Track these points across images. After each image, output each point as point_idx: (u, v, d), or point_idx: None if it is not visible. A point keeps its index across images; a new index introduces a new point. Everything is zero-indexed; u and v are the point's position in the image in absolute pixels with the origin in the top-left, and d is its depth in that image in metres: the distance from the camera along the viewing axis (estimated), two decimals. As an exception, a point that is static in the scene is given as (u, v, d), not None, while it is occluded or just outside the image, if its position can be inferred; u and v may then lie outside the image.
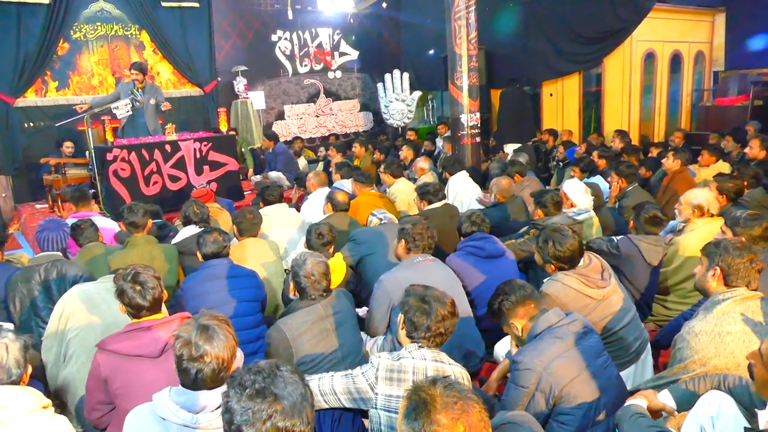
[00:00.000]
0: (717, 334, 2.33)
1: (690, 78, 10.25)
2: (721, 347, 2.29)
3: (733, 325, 2.33)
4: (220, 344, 1.86)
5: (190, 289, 3.27)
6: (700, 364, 2.32)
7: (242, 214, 4.07)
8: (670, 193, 5.35)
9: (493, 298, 2.61)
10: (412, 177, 6.94)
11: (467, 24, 6.64)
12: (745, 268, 2.43)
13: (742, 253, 2.45)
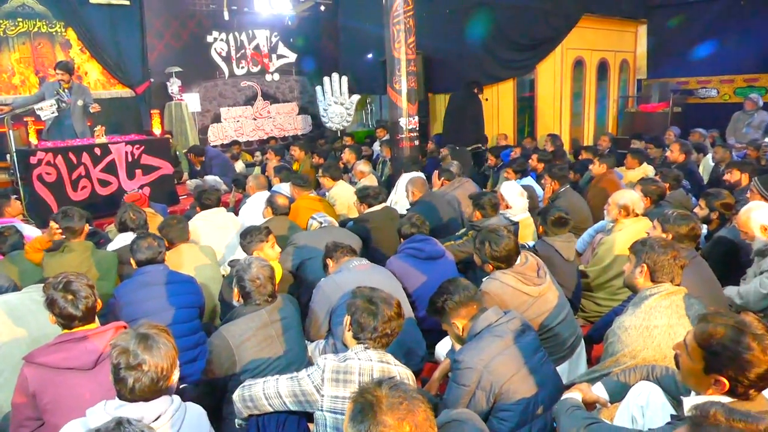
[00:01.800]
0: (645, 328, 2.45)
1: (616, 85, 10.76)
2: (648, 340, 2.42)
3: (660, 318, 2.46)
4: (159, 353, 1.81)
5: (124, 296, 3.15)
6: (630, 357, 2.44)
7: (167, 223, 3.96)
8: (599, 193, 5.58)
9: (436, 296, 2.63)
10: (353, 180, 6.95)
11: (405, 29, 6.70)
12: (669, 265, 2.57)
13: (666, 250, 2.59)
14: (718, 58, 9.90)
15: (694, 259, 3.25)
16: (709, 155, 7.39)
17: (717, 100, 10.32)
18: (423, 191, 5.35)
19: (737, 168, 5.27)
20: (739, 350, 1.68)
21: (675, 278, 2.59)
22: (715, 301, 3.09)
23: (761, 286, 3.48)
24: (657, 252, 2.58)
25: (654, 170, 6.39)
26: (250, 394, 2.35)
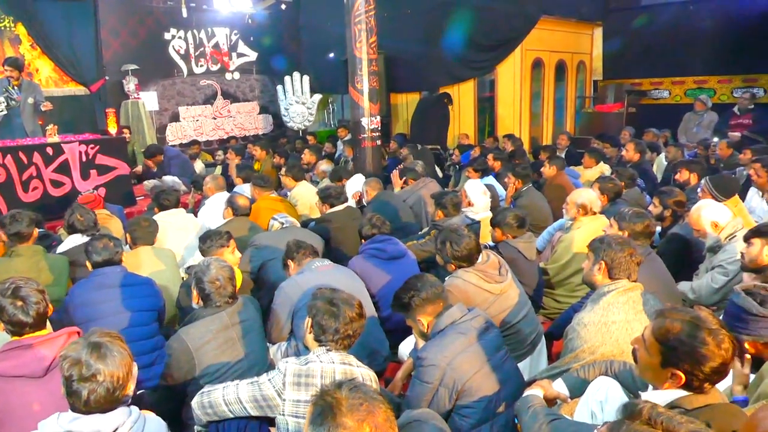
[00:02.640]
0: (603, 324, 2.50)
1: (573, 86, 10.99)
2: (607, 336, 2.47)
3: (617, 314, 2.51)
4: (114, 362, 1.75)
5: (79, 296, 3.06)
6: (590, 353, 2.48)
7: (137, 222, 3.86)
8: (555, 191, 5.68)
9: (403, 292, 2.59)
10: (314, 180, 6.91)
11: (367, 28, 6.70)
12: (626, 262, 2.63)
13: (623, 247, 2.65)
14: (670, 61, 10.20)
15: (649, 255, 3.34)
16: (662, 154, 7.61)
17: (669, 101, 10.65)
18: (378, 190, 5.35)
19: (686, 168, 5.44)
20: (695, 345, 1.72)
21: (632, 275, 2.65)
22: (669, 296, 3.18)
23: (713, 281, 3.60)
24: (614, 249, 2.64)
25: (610, 169, 6.55)
26: (210, 400, 2.30)
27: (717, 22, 9.45)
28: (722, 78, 10.03)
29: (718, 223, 3.65)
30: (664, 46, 10.12)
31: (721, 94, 10.01)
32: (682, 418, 1.19)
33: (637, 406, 1.25)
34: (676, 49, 10.00)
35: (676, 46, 9.98)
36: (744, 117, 8.69)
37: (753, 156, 6.39)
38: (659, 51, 10.21)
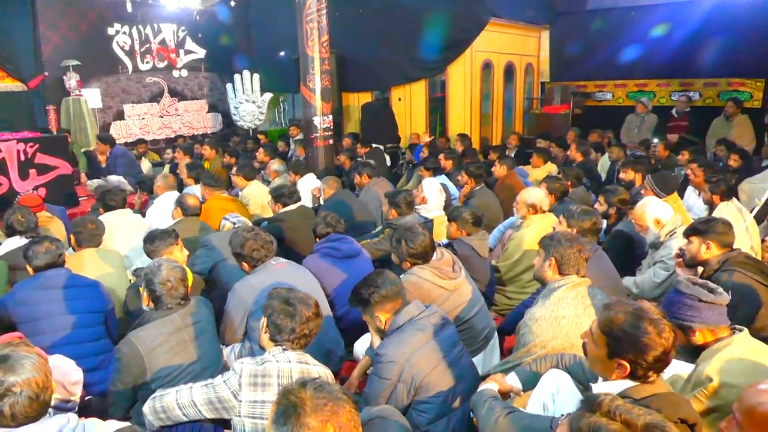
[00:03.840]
0: (554, 319, 2.57)
1: (522, 87, 11.24)
2: (557, 330, 2.54)
3: (567, 309, 2.59)
4: (25, 369, 1.66)
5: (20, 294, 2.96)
6: (541, 347, 2.55)
7: (83, 223, 3.72)
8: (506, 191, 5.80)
9: (363, 287, 2.57)
10: (266, 179, 6.84)
11: (319, 27, 6.67)
12: (575, 258, 2.72)
13: (572, 244, 2.74)
14: (613, 64, 10.56)
15: (596, 252, 3.45)
16: (606, 154, 7.87)
17: (612, 103, 11.02)
18: (335, 189, 5.35)
19: (631, 167, 5.65)
20: (638, 334, 1.79)
21: (580, 270, 2.74)
22: (615, 291, 3.29)
23: (655, 275, 3.76)
24: (564, 246, 2.72)
25: (557, 168, 6.73)
26: (162, 405, 2.25)
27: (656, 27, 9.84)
28: (661, 81, 10.46)
29: (660, 219, 3.81)
30: (607, 50, 10.46)
31: (661, 97, 10.44)
32: (639, 410, 1.24)
33: (597, 399, 1.29)
34: (618, 53, 10.35)
35: (619, 51, 10.33)
36: (681, 119, 9.09)
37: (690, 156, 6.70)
38: (603, 55, 10.55)
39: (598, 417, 1.23)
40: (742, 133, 8.43)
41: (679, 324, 2.18)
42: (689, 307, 2.21)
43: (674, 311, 2.22)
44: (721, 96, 9.68)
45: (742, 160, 6.80)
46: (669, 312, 2.16)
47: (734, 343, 2.12)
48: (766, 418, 1.43)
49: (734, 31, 8.99)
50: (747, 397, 1.52)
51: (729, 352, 2.11)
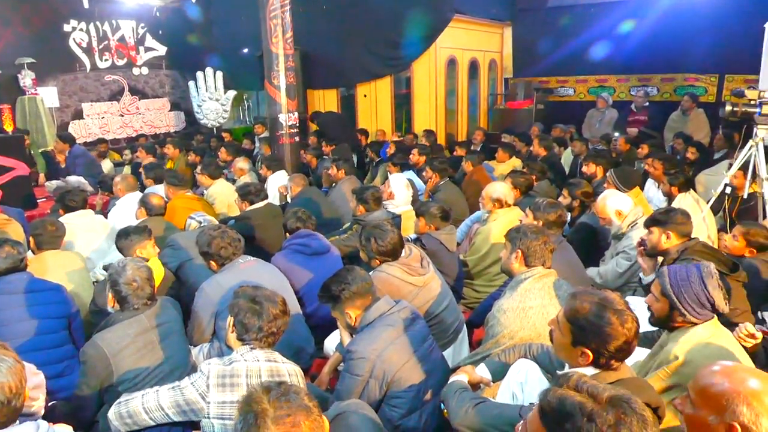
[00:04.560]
0: (521, 310, 2.62)
1: (486, 83, 11.36)
2: (525, 321, 2.59)
3: (534, 300, 2.64)
4: (1, 372, 1.63)
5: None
6: (509, 338, 2.59)
7: (42, 225, 3.61)
8: (473, 185, 5.88)
9: (333, 283, 2.56)
10: (231, 178, 6.76)
11: (283, 23, 6.62)
12: (541, 250, 2.77)
13: (537, 236, 2.79)
14: (574, 60, 10.75)
15: (560, 243, 3.52)
16: (569, 149, 8.02)
17: (574, 98, 11.23)
18: (302, 186, 5.33)
19: (593, 161, 5.77)
20: (601, 324, 1.83)
21: (546, 262, 2.79)
22: (580, 282, 3.36)
23: (617, 266, 3.85)
24: (530, 238, 2.77)
25: (522, 163, 6.83)
26: (128, 410, 2.21)
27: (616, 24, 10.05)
28: (620, 77, 10.69)
29: (621, 211, 3.91)
30: (568, 46, 10.63)
31: (620, 93, 10.67)
32: (605, 386, 1.29)
33: (567, 376, 1.33)
34: (579, 49, 10.54)
35: (580, 47, 10.52)
36: (640, 114, 9.31)
37: (649, 150, 6.89)
38: (564, 51, 10.72)
39: (565, 390, 1.26)
40: (698, 126, 8.69)
41: (673, 301, 2.19)
42: (698, 304, 2.17)
43: (682, 291, 2.18)
44: (678, 91, 9.96)
45: (699, 153, 7.02)
46: (676, 286, 2.17)
47: (702, 328, 2.18)
48: (716, 397, 1.50)
49: (689, 28, 9.25)
50: (701, 377, 1.58)
51: (697, 335, 2.15)
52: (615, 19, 10.04)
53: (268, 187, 5.95)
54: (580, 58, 10.62)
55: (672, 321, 2.22)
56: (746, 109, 4.54)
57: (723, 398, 1.49)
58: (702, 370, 1.62)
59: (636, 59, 10.10)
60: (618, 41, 10.13)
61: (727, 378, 1.53)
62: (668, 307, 2.21)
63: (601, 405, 1.22)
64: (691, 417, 1.58)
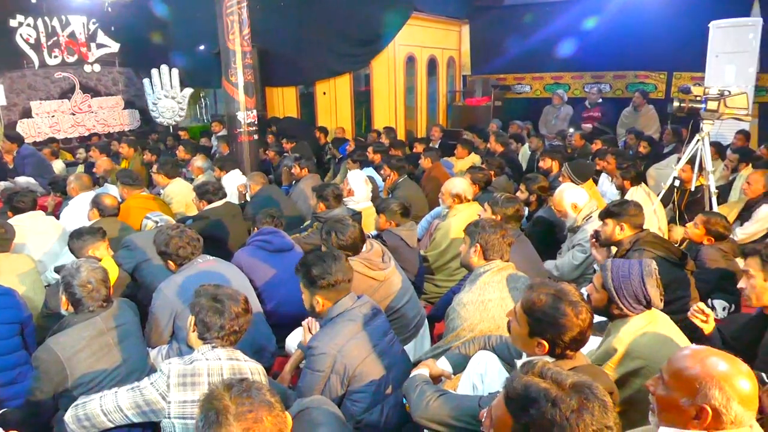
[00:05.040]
0: (481, 303, 2.67)
1: (444, 80, 11.46)
2: (485, 313, 2.64)
3: (493, 293, 2.69)
4: None
5: None
6: (469, 330, 2.64)
7: None
8: (432, 182, 5.94)
9: (316, 266, 2.50)
10: (189, 177, 6.65)
11: (240, 20, 6.53)
12: (499, 243, 2.82)
13: (496, 230, 2.84)
14: (530, 58, 10.95)
15: (518, 237, 3.60)
16: (526, 144, 8.18)
17: (530, 95, 11.44)
18: (262, 185, 5.29)
19: (549, 156, 5.90)
20: (557, 316, 1.88)
21: (504, 255, 2.85)
22: (538, 274, 3.44)
23: (573, 258, 3.96)
24: (488, 232, 2.82)
25: (481, 159, 6.93)
26: (86, 412, 2.16)
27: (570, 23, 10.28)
28: (575, 74, 10.95)
29: (577, 204, 4.01)
30: (524, 44, 10.82)
31: (575, 89, 10.93)
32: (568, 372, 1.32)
33: (532, 363, 1.37)
34: (535, 47, 10.74)
35: (535, 45, 10.72)
36: (594, 110, 9.57)
37: (603, 146, 7.08)
38: (520, 48, 10.91)
39: (530, 376, 1.30)
40: (649, 122, 8.99)
41: (612, 295, 2.28)
42: (635, 300, 2.26)
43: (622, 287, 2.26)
44: (629, 87, 10.25)
45: (650, 147, 7.26)
46: (616, 281, 2.26)
47: (639, 318, 2.27)
48: (689, 380, 1.54)
49: (640, 27, 9.53)
50: (675, 360, 1.63)
51: (634, 326, 2.25)
52: (569, 17, 10.26)
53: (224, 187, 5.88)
54: (535, 55, 10.82)
55: (609, 311, 2.32)
56: (692, 105, 4.72)
57: (696, 381, 1.52)
58: (676, 353, 1.66)
59: (589, 57, 10.35)
60: (572, 39, 10.36)
61: (701, 362, 1.56)
62: (607, 299, 2.30)
63: (564, 391, 1.26)
64: (663, 398, 1.61)
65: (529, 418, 1.23)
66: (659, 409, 1.63)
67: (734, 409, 1.48)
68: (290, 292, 3.45)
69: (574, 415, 1.20)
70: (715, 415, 1.49)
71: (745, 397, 1.49)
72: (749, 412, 1.50)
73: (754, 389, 1.52)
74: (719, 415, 1.48)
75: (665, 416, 1.61)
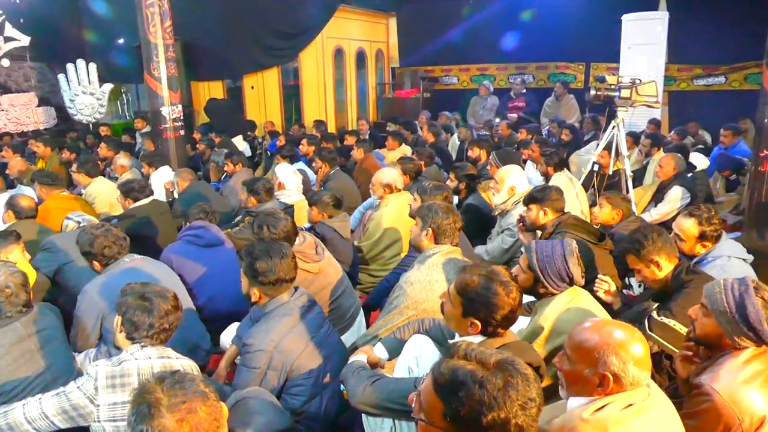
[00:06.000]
0: (428, 282, 2.75)
1: (373, 73, 11.52)
2: (430, 293, 2.72)
3: (440, 274, 2.78)
4: None
5: None
6: (413, 308, 2.71)
7: None
8: (363, 174, 5.98)
9: (261, 260, 2.46)
10: (113, 176, 6.40)
11: (161, 11, 6.31)
12: (451, 228, 2.91)
13: (448, 215, 2.91)
14: (456, 50, 11.17)
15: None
16: (455, 135, 8.35)
17: (458, 87, 11.68)
18: (190, 181, 5.17)
19: (477, 145, 6.06)
20: (489, 296, 1.96)
21: (454, 239, 2.93)
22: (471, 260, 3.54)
23: (503, 242, 4.09)
24: (440, 217, 2.89)
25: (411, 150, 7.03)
26: (8, 422, 2.06)
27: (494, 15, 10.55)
28: (500, 66, 11.26)
29: (515, 188, 4.13)
30: (450, 36, 11.03)
31: (500, 80, 11.24)
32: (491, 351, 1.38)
33: (456, 345, 1.41)
34: (461, 39, 10.96)
35: (461, 37, 10.94)
36: (518, 100, 9.88)
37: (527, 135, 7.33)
38: (447, 40, 11.11)
39: (456, 360, 1.34)
40: (570, 111, 9.38)
41: (538, 275, 2.41)
42: (559, 279, 2.40)
43: (546, 267, 2.39)
44: (551, 78, 10.65)
45: (572, 135, 7.57)
46: (541, 262, 2.38)
47: (563, 295, 2.41)
48: (589, 351, 1.65)
49: (560, 19, 9.92)
50: (575, 334, 1.74)
51: (559, 303, 2.39)
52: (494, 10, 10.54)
53: (152, 184, 5.70)
54: (462, 47, 11.06)
55: (536, 290, 2.46)
56: (608, 93, 4.97)
57: (595, 351, 1.64)
58: (575, 328, 1.77)
59: (513, 48, 10.68)
60: (497, 31, 10.66)
61: (597, 332, 1.69)
62: (533, 279, 2.44)
63: (489, 370, 1.31)
64: (569, 372, 1.72)
65: (458, 401, 1.26)
66: (567, 383, 1.75)
67: (631, 372, 1.60)
68: (222, 287, 3.43)
69: (501, 393, 1.25)
70: (615, 380, 1.61)
71: (639, 359, 1.62)
72: (644, 372, 1.63)
73: (647, 351, 1.65)
74: (619, 379, 1.61)
75: (573, 389, 1.72)
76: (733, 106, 8.16)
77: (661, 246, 2.65)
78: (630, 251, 2.73)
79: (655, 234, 2.69)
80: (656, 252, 2.64)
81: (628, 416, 1.58)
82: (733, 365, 1.87)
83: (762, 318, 1.85)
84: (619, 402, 1.61)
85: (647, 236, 2.67)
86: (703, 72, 9.31)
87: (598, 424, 1.57)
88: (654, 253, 2.65)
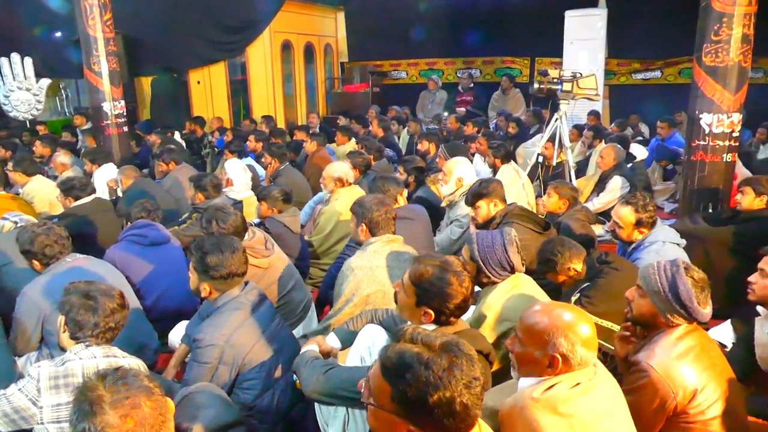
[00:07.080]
0: (369, 268, 2.80)
1: (322, 67, 11.47)
2: (372, 279, 2.77)
3: (381, 260, 2.83)
4: None
5: None
6: (358, 295, 2.76)
7: None
8: (314, 168, 5.96)
9: (211, 256, 2.43)
10: (52, 174, 6.17)
11: (99, 4, 6.11)
12: (384, 220, 2.95)
13: (379, 207, 2.95)
14: (404, 44, 11.23)
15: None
16: (405, 129, 8.41)
17: (407, 81, 11.76)
18: (134, 178, 5.04)
19: (426, 139, 6.14)
20: (442, 285, 2.00)
21: (389, 230, 2.97)
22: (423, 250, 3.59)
23: (452, 233, 4.17)
24: (372, 210, 2.93)
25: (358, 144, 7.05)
26: (-54, 429, 1.99)
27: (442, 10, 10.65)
28: (447, 60, 11.39)
29: (462, 178, 4.21)
30: (398, 30, 11.07)
31: (448, 75, 11.37)
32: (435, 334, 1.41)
33: (401, 330, 1.43)
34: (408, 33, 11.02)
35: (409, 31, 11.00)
36: (466, 94, 10.03)
37: (475, 128, 7.46)
38: (395, 35, 11.15)
39: (402, 344, 1.37)
40: (516, 104, 9.59)
41: (480, 265, 2.48)
42: (501, 267, 2.48)
43: (488, 257, 2.47)
44: (498, 72, 10.85)
45: (518, 128, 7.74)
46: (482, 252, 2.45)
47: (506, 282, 2.50)
48: (539, 333, 1.72)
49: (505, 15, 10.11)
50: (525, 317, 1.81)
51: (501, 291, 2.48)
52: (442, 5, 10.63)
53: (95, 182, 5.53)
54: (410, 42, 11.12)
55: (479, 280, 2.53)
56: (550, 86, 5.12)
57: (545, 334, 1.71)
58: (526, 311, 1.84)
59: (460, 43, 10.81)
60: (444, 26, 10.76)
61: (547, 315, 1.76)
62: (476, 269, 2.50)
63: (435, 352, 1.34)
64: (521, 354, 1.79)
65: (405, 383, 1.28)
66: (519, 364, 1.82)
67: (579, 352, 1.68)
68: (169, 285, 3.38)
69: (446, 373, 1.28)
70: (564, 361, 1.68)
71: (586, 340, 1.70)
72: (591, 352, 1.72)
73: (593, 332, 1.74)
74: (567, 359, 1.68)
75: (524, 369, 1.79)
76: (669, 99, 8.51)
77: (570, 254, 2.85)
78: (547, 270, 2.91)
79: (559, 246, 2.88)
80: (568, 261, 2.85)
81: (576, 394, 1.66)
82: (667, 342, 1.98)
83: (692, 296, 1.96)
84: (568, 381, 1.68)
85: (554, 252, 2.86)
86: (641, 66, 9.67)
87: (548, 402, 1.65)
88: (567, 263, 2.85)
